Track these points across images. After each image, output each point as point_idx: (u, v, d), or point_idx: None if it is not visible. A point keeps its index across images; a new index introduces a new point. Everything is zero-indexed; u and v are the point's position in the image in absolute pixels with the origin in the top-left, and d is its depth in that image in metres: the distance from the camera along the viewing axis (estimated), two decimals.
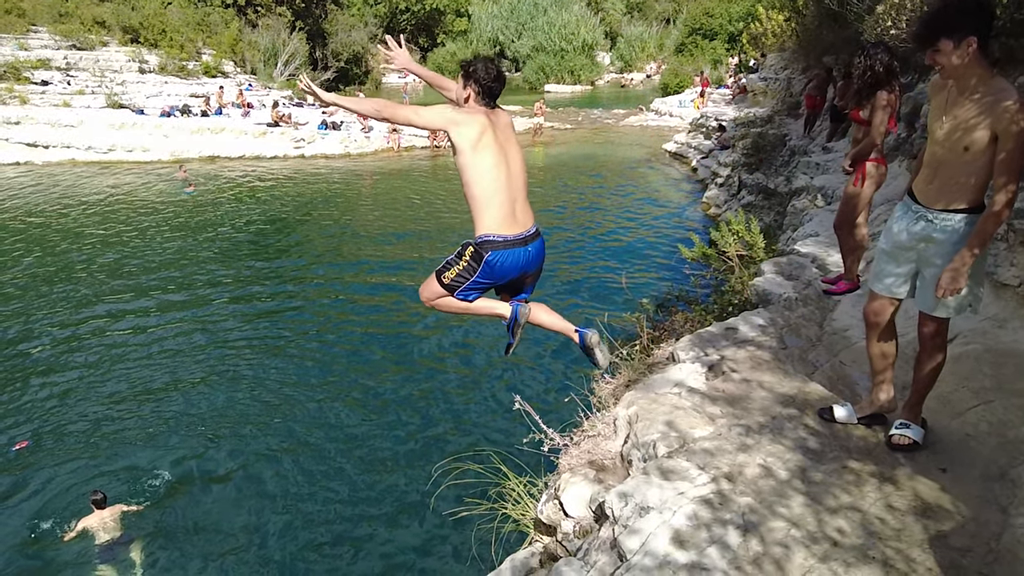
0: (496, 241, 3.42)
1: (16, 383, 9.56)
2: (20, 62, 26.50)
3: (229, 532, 6.93)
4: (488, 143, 3.30)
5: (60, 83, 26.73)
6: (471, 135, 3.30)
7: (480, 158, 3.32)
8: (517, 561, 4.43)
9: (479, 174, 3.34)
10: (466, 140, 3.31)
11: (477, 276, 3.49)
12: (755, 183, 15.03)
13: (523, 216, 3.47)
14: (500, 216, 3.37)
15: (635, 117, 33.05)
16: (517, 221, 3.42)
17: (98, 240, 15.63)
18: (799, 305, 5.69)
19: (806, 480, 3.46)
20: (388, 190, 20.48)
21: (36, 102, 25.13)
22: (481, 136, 3.30)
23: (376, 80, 47.20)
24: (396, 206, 18.55)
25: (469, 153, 3.33)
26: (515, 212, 3.41)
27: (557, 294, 12.27)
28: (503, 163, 3.35)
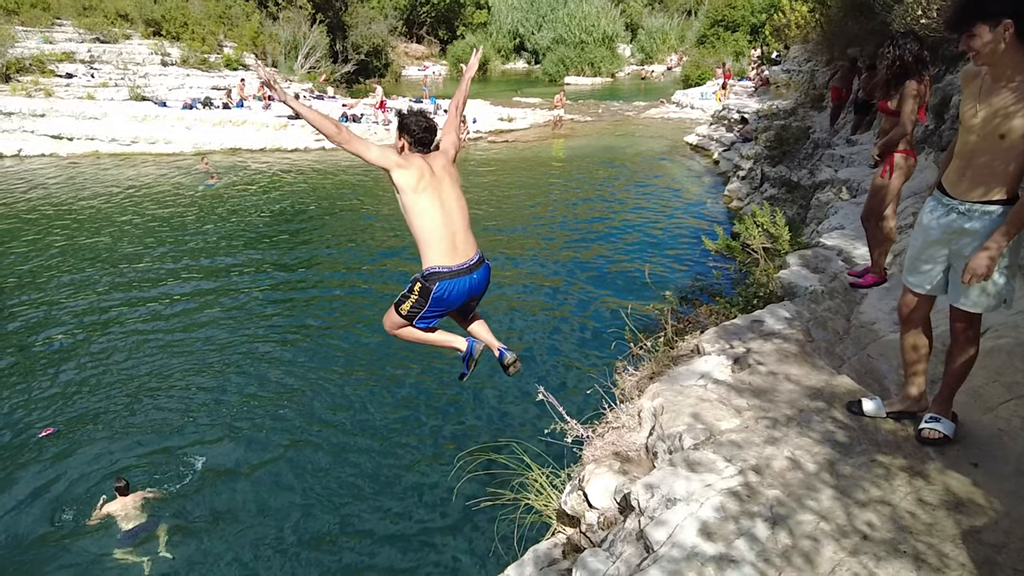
0: (442, 272, 3.78)
1: (41, 370, 9.70)
2: (45, 55, 26.78)
3: (251, 519, 6.99)
4: (425, 186, 3.69)
5: (84, 76, 26.97)
6: (411, 180, 3.69)
7: (419, 199, 3.71)
8: (540, 552, 4.43)
9: (419, 214, 3.73)
10: (406, 183, 3.71)
11: (429, 306, 3.86)
12: (778, 176, 14.89)
13: (464, 246, 3.81)
14: (442, 250, 3.73)
15: (656, 109, 32.86)
16: (459, 252, 3.76)
17: (121, 230, 15.78)
18: (825, 298, 5.63)
19: (835, 473, 3.43)
20: None
21: (61, 95, 25.38)
22: (419, 180, 3.69)
23: (396, 73, 47.24)
24: None
25: (410, 195, 3.73)
26: (456, 244, 3.76)
27: (581, 283, 12.27)
28: (439, 203, 3.73)
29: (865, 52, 14.92)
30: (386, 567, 6.45)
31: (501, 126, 28.40)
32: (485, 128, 27.60)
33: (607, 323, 10.10)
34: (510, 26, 57.16)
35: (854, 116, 13.61)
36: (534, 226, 16.10)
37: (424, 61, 54.50)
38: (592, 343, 10.05)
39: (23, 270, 13.42)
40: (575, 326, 10.74)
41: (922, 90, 5.25)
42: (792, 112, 18.67)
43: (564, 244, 14.66)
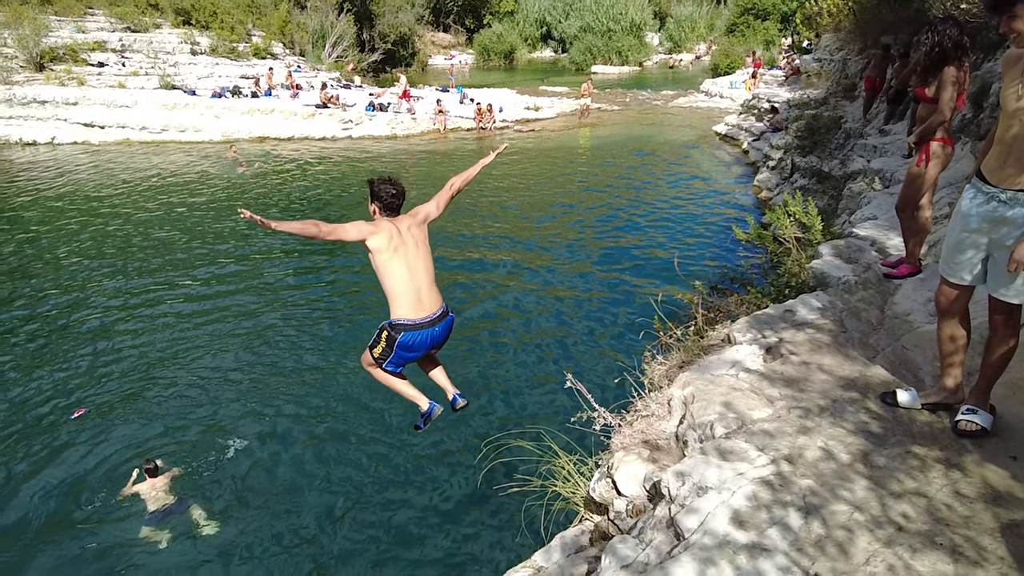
0: (407, 324, 4.19)
1: (72, 353, 9.88)
2: (78, 44, 27.17)
3: (276, 505, 7.06)
4: (394, 247, 4.06)
5: (115, 65, 27.33)
6: (381, 243, 4.06)
7: (388, 260, 4.08)
8: (567, 538, 4.43)
9: (389, 273, 4.12)
10: (376, 246, 4.08)
11: (395, 353, 4.27)
12: (808, 166, 14.70)
13: (429, 301, 4.18)
14: (408, 304, 4.12)
15: (684, 98, 32.56)
16: (423, 306, 4.14)
17: (151, 217, 16.00)
18: (859, 288, 5.56)
19: (869, 464, 3.39)
20: (434, 171, 20.53)
21: (93, 83, 25.75)
22: (388, 242, 4.06)
23: (422, 62, 47.28)
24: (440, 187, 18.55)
25: (379, 256, 4.11)
26: (421, 299, 4.13)
27: (608, 271, 12.23)
28: (405, 263, 4.10)
29: (899, 40, 14.66)
30: (413, 553, 6.50)
31: (527, 115, 28.32)
32: (511, 117, 27.54)
33: (635, 312, 10.06)
34: (537, 14, 56.90)
35: (887, 106, 13.38)
36: (561, 214, 16.06)
37: (450, 50, 54.46)
38: (620, 331, 10.03)
39: (55, 254, 13.66)
40: (603, 314, 10.71)
41: (961, 77, 5.14)
42: (823, 101, 18.40)
43: (591, 233, 14.61)
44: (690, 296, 6.57)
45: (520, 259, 13.25)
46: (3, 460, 7.64)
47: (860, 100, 15.96)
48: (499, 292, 11.77)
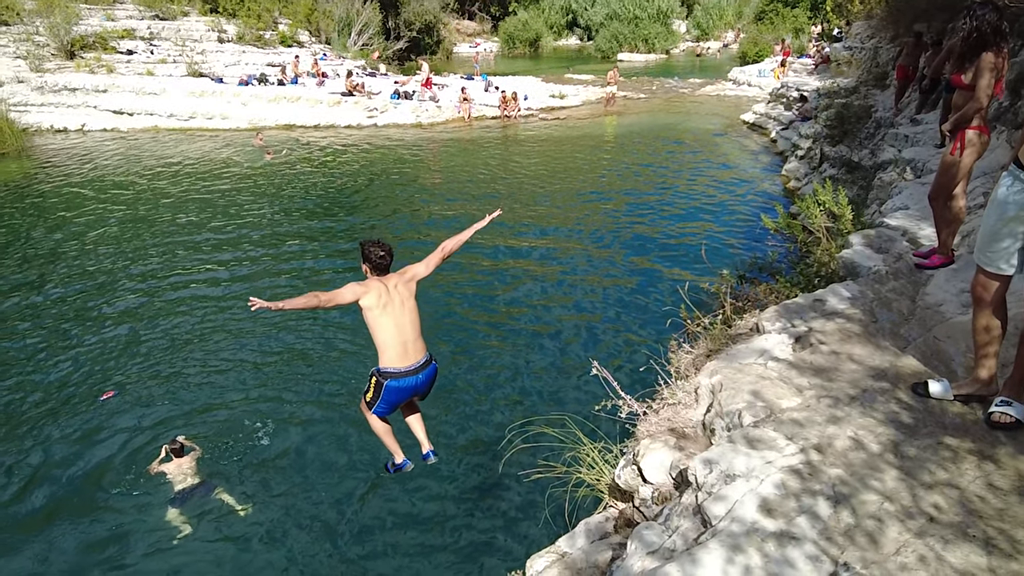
0: (393, 372, 4.51)
1: (102, 336, 10.05)
2: (107, 32, 27.45)
3: (301, 485, 7.13)
4: (383, 305, 4.38)
5: (144, 52, 27.60)
6: (372, 302, 4.39)
7: (378, 316, 4.41)
8: (591, 524, 4.44)
9: (378, 328, 4.44)
10: (368, 305, 4.41)
11: (382, 398, 4.60)
12: (838, 156, 14.50)
13: (414, 351, 4.50)
14: (395, 355, 4.44)
15: (712, 87, 32.24)
16: (408, 356, 4.46)
17: (179, 203, 16.18)
18: (890, 278, 5.48)
19: (899, 454, 3.35)
20: (459, 159, 20.55)
21: (122, 71, 26.03)
22: (378, 301, 4.38)
23: (447, 50, 47.22)
24: (467, 174, 18.63)
25: (369, 312, 4.44)
26: (407, 350, 4.45)
27: (635, 259, 12.18)
28: (393, 318, 4.42)
29: (932, 28, 14.38)
30: (435, 538, 6.54)
31: (552, 103, 28.20)
32: (536, 105, 27.44)
33: (662, 299, 10.02)
34: (563, 2, 56.56)
35: (919, 95, 13.15)
36: (587, 202, 16.01)
37: (476, 38, 54.34)
38: (646, 319, 9.99)
39: (85, 238, 13.87)
40: (629, 302, 10.68)
41: (999, 63, 5.02)
42: (854, 90, 18.12)
43: (617, 220, 14.55)
44: (718, 285, 6.52)
45: (546, 245, 13.24)
46: (33, 440, 7.80)
47: (891, 89, 15.70)
48: (526, 278, 11.78)
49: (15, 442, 7.77)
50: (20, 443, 7.76)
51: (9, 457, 7.54)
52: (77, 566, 6.25)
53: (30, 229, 14.58)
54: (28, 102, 24.08)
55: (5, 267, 12.54)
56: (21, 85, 24.44)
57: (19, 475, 7.29)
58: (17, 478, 7.25)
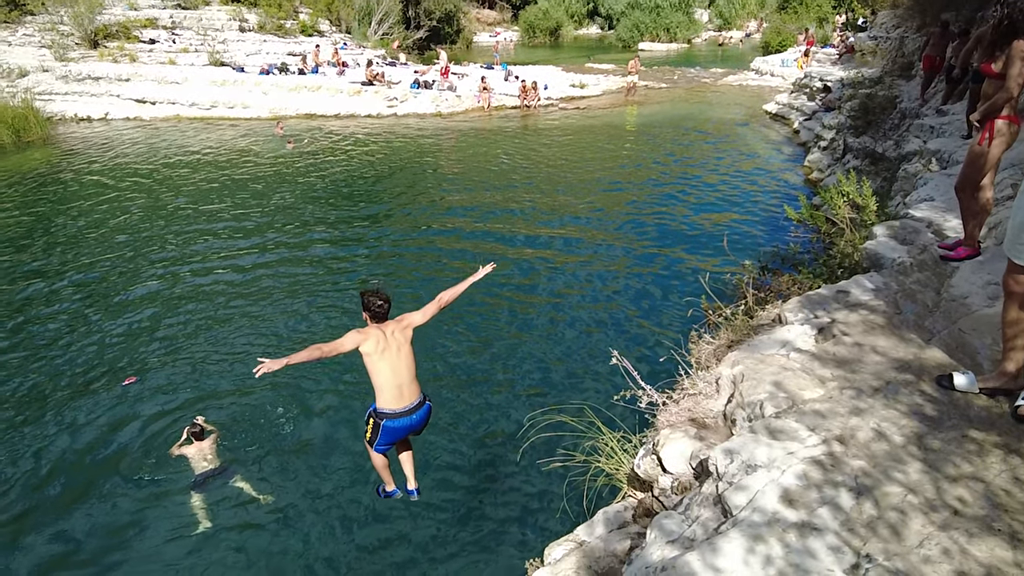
0: (389, 413, 4.81)
1: (123, 322, 10.18)
2: (130, 21, 27.65)
3: (320, 470, 7.19)
4: (380, 351, 4.67)
5: (166, 41, 27.77)
6: (370, 348, 4.67)
7: (376, 361, 4.70)
8: (610, 513, 4.44)
9: (376, 371, 4.73)
10: (366, 351, 4.70)
11: (380, 436, 4.89)
12: (861, 147, 14.32)
13: (409, 393, 4.77)
14: (390, 397, 4.72)
15: (734, 77, 31.94)
16: (404, 398, 4.73)
17: (200, 190, 16.31)
18: (914, 270, 5.42)
19: (923, 447, 3.33)
20: (479, 148, 20.52)
21: (144, 60, 26.22)
22: (376, 347, 4.67)
23: (467, 39, 47.11)
24: (487, 163, 18.60)
25: (368, 359, 4.73)
26: (402, 392, 4.73)
27: (656, 250, 12.13)
28: (389, 363, 4.70)
29: (960, 16, 14.15)
30: (454, 524, 6.58)
31: (573, 92, 28.07)
32: (556, 95, 27.32)
33: (682, 290, 9.99)
34: None
35: (946, 85, 12.95)
36: (607, 191, 15.94)
37: (496, 27, 54.13)
38: (667, 309, 9.96)
39: (108, 226, 14.01)
40: (650, 292, 10.64)
41: None
42: (878, 80, 17.86)
43: (638, 210, 14.48)
44: (739, 276, 6.48)
45: (566, 235, 13.22)
46: (58, 424, 7.93)
47: (917, 79, 15.47)
48: (546, 267, 11.78)
49: (40, 425, 7.90)
50: (45, 426, 7.89)
51: (35, 440, 7.67)
52: (100, 548, 6.36)
53: (54, 216, 14.77)
54: (53, 91, 24.33)
55: (29, 253, 12.72)
56: (46, 74, 24.70)
57: (45, 457, 7.42)
58: (44, 460, 7.38)
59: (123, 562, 6.24)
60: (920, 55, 15.42)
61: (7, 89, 22.91)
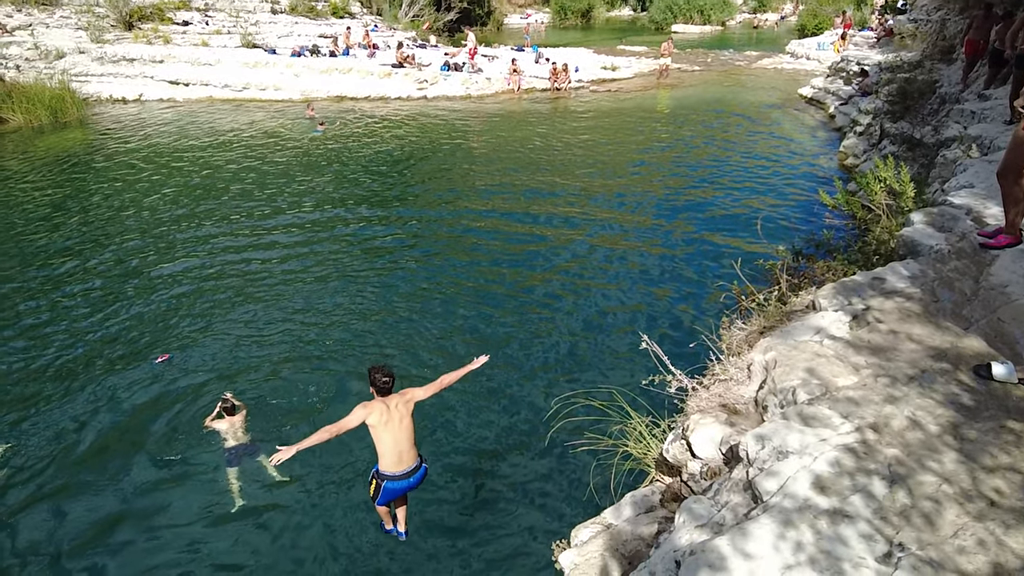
0: (389, 476, 5.33)
1: (157, 300, 10.36)
2: (164, 3, 27.88)
3: (347, 453, 7.27)
4: (384, 422, 5.16)
5: (199, 23, 27.97)
6: (375, 420, 5.16)
7: (380, 432, 5.19)
8: (637, 497, 4.45)
9: (379, 440, 5.23)
10: (372, 424, 5.19)
11: (381, 495, 5.43)
12: (899, 132, 14.03)
13: (408, 458, 5.29)
14: (391, 462, 5.25)
15: (769, 60, 31.45)
16: (403, 463, 5.26)
17: (233, 170, 16.46)
18: (952, 258, 5.32)
19: (959, 437, 3.28)
20: (509, 130, 20.45)
21: (178, 41, 26.44)
22: (380, 419, 5.16)
23: (498, 21, 46.88)
24: (516, 146, 18.55)
25: (373, 429, 5.21)
26: (402, 458, 5.24)
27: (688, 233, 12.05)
28: (391, 433, 5.19)
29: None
30: (480, 507, 6.63)
31: (604, 75, 27.82)
32: (587, 77, 27.11)
33: (714, 275, 9.92)
34: None
35: (988, 69, 12.62)
36: (638, 173, 15.81)
37: (527, 9, 53.78)
38: (698, 295, 9.90)
39: (142, 205, 14.23)
40: (680, 276, 10.57)
41: None
42: (918, 64, 17.46)
43: (669, 194, 14.37)
44: (772, 262, 6.40)
45: (597, 216, 13.20)
46: (92, 399, 8.11)
47: (959, 63, 15.10)
48: (576, 247, 11.77)
49: (76, 398, 8.10)
50: (81, 400, 8.08)
51: (71, 413, 7.88)
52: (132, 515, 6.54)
53: (89, 195, 15.02)
54: (88, 72, 24.65)
55: (65, 231, 12.96)
56: (82, 56, 25.02)
57: (82, 430, 7.61)
58: (81, 432, 7.57)
59: (155, 530, 6.41)
60: (962, 38, 15.04)
61: (45, 70, 23.27)
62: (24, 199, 14.74)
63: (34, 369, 8.70)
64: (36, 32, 25.02)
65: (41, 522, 6.51)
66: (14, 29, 24.88)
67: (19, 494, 6.80)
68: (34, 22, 25.53)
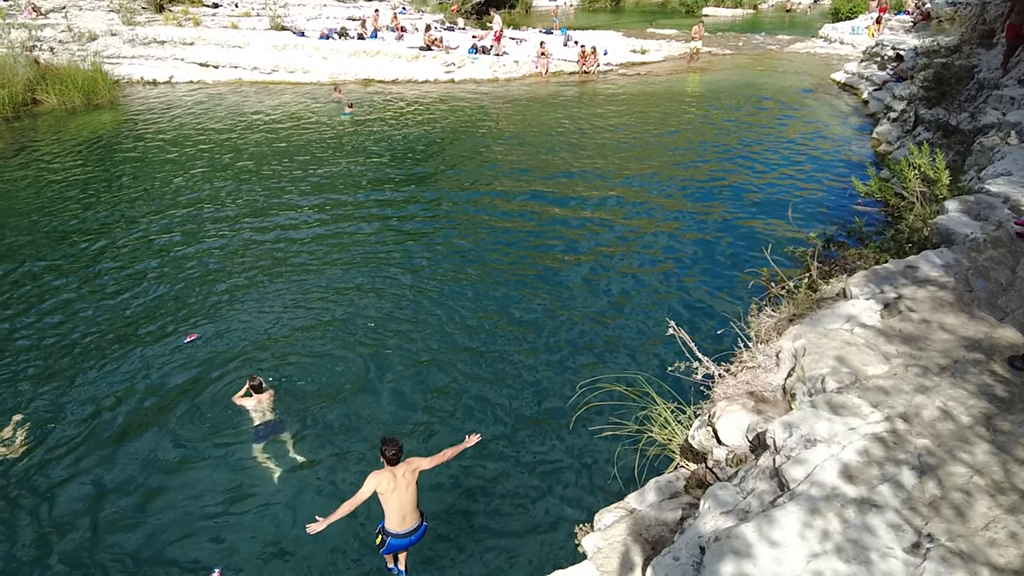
0: (393, 533, 5.73)
1: (187, 279, 10.52)
2: None
3: (371, 431, 7.34)
4: (391, 489, 5.57)
5: (228, 5, 28.10)
6: (383, 488, 5.57)
7: (387, 496, 5.57)
8: (662, 483, 4.44)
9: (385, 504, 5.62)
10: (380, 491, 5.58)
11: (385, 548, 5.83)
12: (934, 119, 13.75)
13: (411, 520, 5.68)
14: (395, 522, 5.64)
15: (801, 44, 30.93)
16: (406, 524, 5.66)
17: (261, 152, 16.56)
18: (988, 247, 5.21)
19: (991, 428, 3.23)
20: (536, 114, 20.33)
21: (208, 24, 26.56)
22: (387, 486, 5.57)
23: (527, 4, 46.48)
24: (544, 128, 18.45)
25: (382, 496, 5.60)
26: (405, 519, 5.65)
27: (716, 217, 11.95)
28: (397, 499, 5.60)
29: None
30: (503, 489, 6.66)
31: (633, 58, 27.53)
32: (616, 61, 26.85)
33: (742, 260, 9.87)
34: None
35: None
36: (666, 158, 15.68)
37: None
38: (725, 281, 9.82)
39: (172, 185, 14.39)
40: (708, 261, 10.50)
41: None
42: (956, 49, 17.06)
43: (698, 178, 14.24)
44: (802, 249, 6.32)
45: (626, 198, 13.17)
46: (124, 374, 8.29)
47: (999, 48, 14.73)
48: (607, 232, 11.76)
49: (111, 375, 8.28)
50: (117, 376, 8.27)
51: (110, 385, 8.08)
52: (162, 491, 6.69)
53: (120, 175, 15.22)
54: (120, 54, 24.88)
55: (96, 210, 13.15)
56: (114, 38, 25.24)
57: (121, 406, 7.80)
58: (122, 408, 7.76)
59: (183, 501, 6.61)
60: (1003, 22, 14.66)
61: (78, 53, 23.53)
62: (57, 179, 14.97)
63: (67, 345, 8.89)
64: (69, 14, 25.28)
65: (78, 494, 6.71)
66: (48, 12, 25.17)
67: (57, 466, 7.01)
68: (68, 4, 25.81)
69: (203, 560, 6.09)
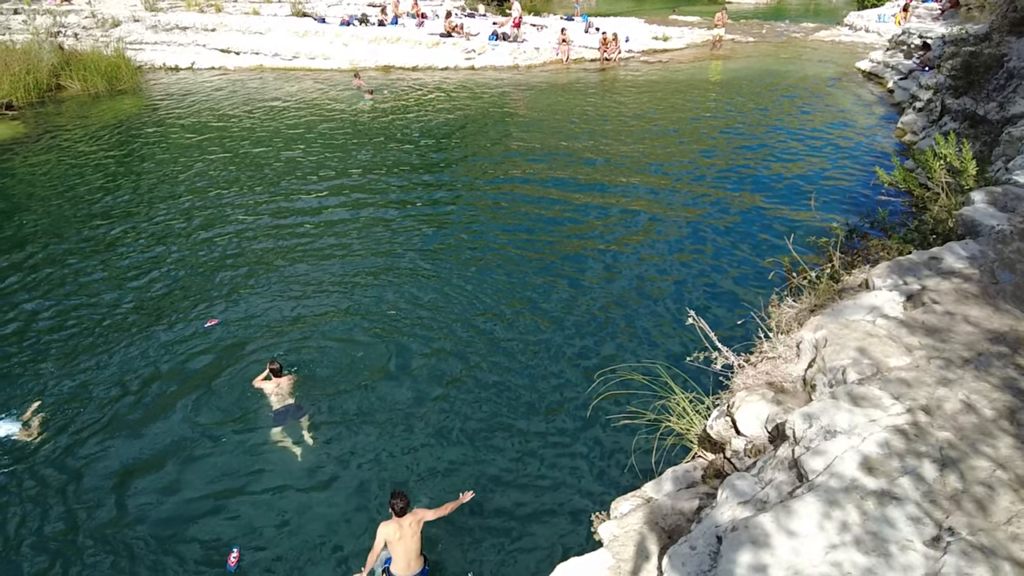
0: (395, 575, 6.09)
1: (207, 263, 10.64)
2: None
3: (388, 417, 7.40)
4: (397, 539, 5.95)
5: None
6: (391, 537, 5.93)
7: (394, 545, 5.94)
8: (679, 472, 4.44)
9: (392, 550, 5.98)
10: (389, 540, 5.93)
11: None
12: (960, 108, 13.52)
13: (414, 565, 6.04)
14: (401, 566, 5.98)
15: (826, 32, 30.49)
16: (409, 569, 6.00)
17: (282, 138, 16.63)
18: (1014, 239, 5.13)
19: (1015, 422, 3.19)
20: (557, 101, 20.23)
21: (229, 10, 26.62)
22: (394, 535, 5.94)
23: None
24: (564, 115, 18.35)
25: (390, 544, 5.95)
26: (409, 564, 6.00)
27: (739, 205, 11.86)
28: (403, 547, 5.97)
29: None
30: (520, 476, 6.68)
31: (655, 45, 27.28)
32: (638, 48, 26.63)
33: (764, 249, 9.82)
34: None
35: None
36: (688, 146, 15.56)
37: None
38: (748, 269, 9.76)
39: (193, 170, 14.52)
40: (730, 251, 10.43)
41: None
42: (985, 37, 16.72)
43: (720, 166, 14.13)
44: (825, 238, 6.26)
45: (648, 184, 13.13)
46: (148, 360, 8.41)
47: None
48: (628, 219, 11.76)
49: (134, 357, 8.43)
50: (140, 358, 8.41)
51: (133, 366, 8.23)
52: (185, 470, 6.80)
53: (142, 160, 15.36)
54: (143, 40, 25.04)
55: (117, 195, 13.31)
56: (137, 24, 25.39)
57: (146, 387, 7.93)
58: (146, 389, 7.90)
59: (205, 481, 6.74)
60: None
61: (101, 39, 23.71)
62: (80, 163, 15.13)
63: (88, 328, 9.04)
64: (93, 1, 25.45)
65: (104, 472, 6.88)
66: None
67: (83, 447, 7.17)
68: None
69: (224, 538, 6.19)
